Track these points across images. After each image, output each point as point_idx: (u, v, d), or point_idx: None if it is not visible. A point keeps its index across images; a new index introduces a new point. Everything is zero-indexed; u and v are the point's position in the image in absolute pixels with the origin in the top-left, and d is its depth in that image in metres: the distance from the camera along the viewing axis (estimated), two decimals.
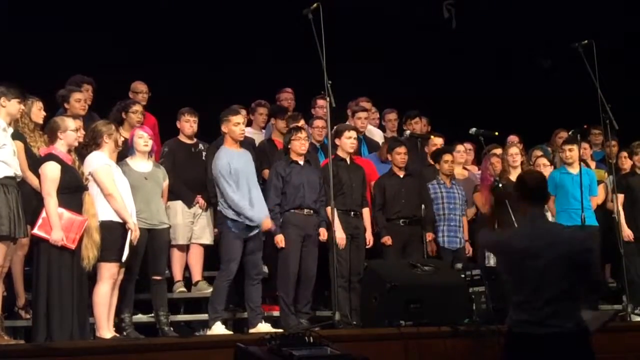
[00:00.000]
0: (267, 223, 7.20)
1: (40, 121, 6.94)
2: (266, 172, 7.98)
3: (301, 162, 7.65)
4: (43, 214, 6.17)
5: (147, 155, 7.14)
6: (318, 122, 8.66)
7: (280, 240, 7.38)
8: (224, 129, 7.29)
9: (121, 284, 6.67)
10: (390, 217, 8.19)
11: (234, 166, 7.14)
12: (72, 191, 6.32)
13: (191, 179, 7.87)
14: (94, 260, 6.30)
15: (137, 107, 8.08)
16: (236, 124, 7.27)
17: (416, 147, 9.40)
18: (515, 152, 8.60)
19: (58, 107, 7.71)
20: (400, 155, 8.35)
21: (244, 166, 7.23)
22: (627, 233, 8.47)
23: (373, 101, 9.87)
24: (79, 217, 6.27)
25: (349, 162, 8.08)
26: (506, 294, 4.81)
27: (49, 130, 6.53)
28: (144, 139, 7.08)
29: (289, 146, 7.64)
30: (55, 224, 6.14)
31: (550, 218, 8.04)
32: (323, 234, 7.60)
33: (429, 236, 8.31)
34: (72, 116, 6.91)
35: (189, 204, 7.82)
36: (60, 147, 6.40)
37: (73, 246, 6.20)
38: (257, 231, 7.16)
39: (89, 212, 6.35)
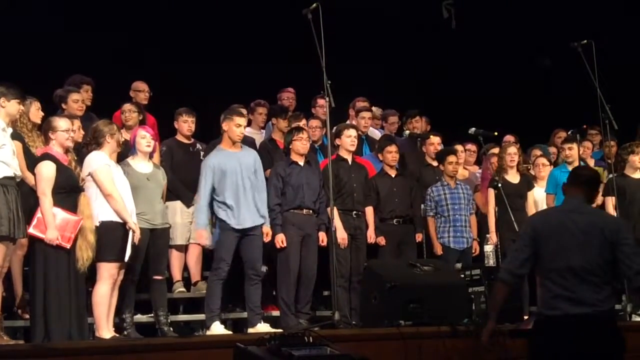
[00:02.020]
0: (200, 235, 7.23)
1: (39, 121, 6.96)
2: (268, 171, 7.98)
3: (301, 163, 7.64)
4: (38, 214, 6.17)
5: (148, 155, 7.14)
6: (313, 122, 8.67)
7: (281, 240, 7.37)
8: (224, 126, 7.27)
9: (122, 284, 6.68)
10: (384, 216, 8.20)
11: (222, 166, 7.11)
12: (68, 191, 6.32)
13: (189, 179, 7.86)
14: (88, 261, 6.28)
15: (125, 107, 8.04)
16: (237, 125, 7.24)
17: (416, 146, 9.41)
18: (513, 152, 8.57)
19: (56, 107, 7.71)
20: (391, 154, 8.34)
21: (239, 166, 7.17)
22: None
23: (372, 101, 9.87)
24: (73, 217, 6.27)
25: (350, 162, 8.08)
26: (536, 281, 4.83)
27: (43, 131, 6.55)
28: (146, 139, 7.07)
29: (290, 146, 7.64)
30: (50, 223, 6.14)
31: None
32: (322, 239, 7.60)
33: (419, 237, 8.35)
34: (68, 116, 6.90)
35: (188, 203, 7.82)
36: (55, 148, 6.40)
37: (68, 245, 6.20)
38: (253, 233, 7.15)
39: (83, 213, 6.35)
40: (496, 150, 8.91)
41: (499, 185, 7.93)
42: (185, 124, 7.98)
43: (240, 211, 7.09)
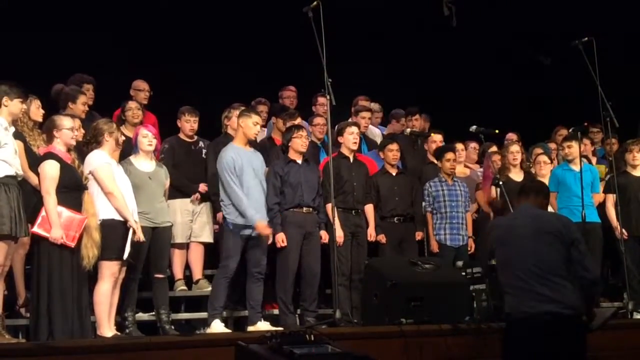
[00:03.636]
0: (262, 225, 7.08)
1: (40, 119, 6.96)
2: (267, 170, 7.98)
3: (299, 161, 7.61)
4: (42, 213, 6.18)
5: (150, 154, 7.15)
6: (318, 120, 8.64)
7: (281, 239, 7.37)
8: (241, 123, 7.25)
9: (125, 283, 6.69)
10: (385, 215, 8.20)
11: (239, 163, 7.11)
12: (71, 190, 6.32)
13: (191, 177, 7.88)
14: (94, 259, 6.29)
15: (132, 105, 8.08)
16: (255, 124, 7.26)
17: (416, 144, 9.41)
18: (516, 151, 8.59)
19: (56, 104, 7.70)
20: (392, 152, 8.35)
21: (250, 165, 7.19)
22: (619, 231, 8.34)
23: (372, 100, 9.87)
24: (78, 215, 6.27)
25: (351, 159, 8.07)
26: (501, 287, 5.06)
27: (46, 129, 6.55)
28: (148, 138, 7.08)
29: (289, 144, 7.62)
30: (55, 222, 6.14)
31: None
32: (325, 236, 7.59)
33: (419, 235, 8.35)
34: (71, 115, 6.90)
35: (192, 194, 7.81)
36: (58, 146, 6.41)
37: (72, 244, 6.20)
38: (254, 231, 7.11)
39: (88, 212, 6.35)
40: (494, 148, 8.91)
41: (500, 183, 7.92)
42: (188, 124, 7.99)
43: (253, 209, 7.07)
